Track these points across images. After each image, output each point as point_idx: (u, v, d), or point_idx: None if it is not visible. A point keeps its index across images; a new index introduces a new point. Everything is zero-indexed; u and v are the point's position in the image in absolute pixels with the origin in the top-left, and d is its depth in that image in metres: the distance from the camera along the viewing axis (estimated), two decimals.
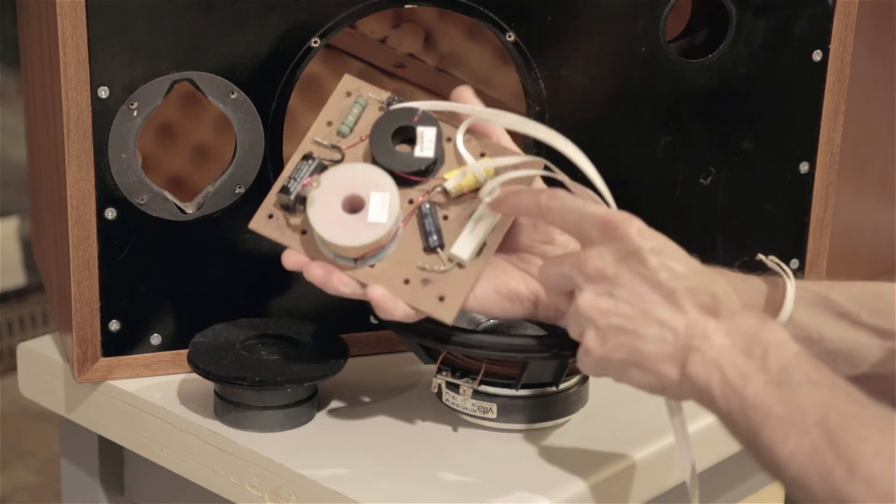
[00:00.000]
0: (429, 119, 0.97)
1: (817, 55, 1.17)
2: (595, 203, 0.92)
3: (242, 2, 1.04)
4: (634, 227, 0.87)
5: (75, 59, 1.01)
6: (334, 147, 0.98)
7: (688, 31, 1.21)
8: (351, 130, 0.99)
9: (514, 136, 1.01)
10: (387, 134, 0.97)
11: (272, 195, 0.97)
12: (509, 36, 1.09)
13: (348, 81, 1.00)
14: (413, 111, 0.97)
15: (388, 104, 0.99)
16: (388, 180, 0.95)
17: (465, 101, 0.98)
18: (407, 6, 1.08)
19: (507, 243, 0.98)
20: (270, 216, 0.97)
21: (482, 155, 0.98)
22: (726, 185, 1.18)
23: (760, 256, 1.02)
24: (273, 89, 1.06)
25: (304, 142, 0.99)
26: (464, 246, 0.95)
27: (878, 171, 1.45)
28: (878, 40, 1.39)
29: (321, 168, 0.97)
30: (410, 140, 0.98)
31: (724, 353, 0.83)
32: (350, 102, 0.99)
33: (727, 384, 0.83)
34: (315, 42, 1.06)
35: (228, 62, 1.05)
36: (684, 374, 0.85)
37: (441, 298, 0.95)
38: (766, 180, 1.19)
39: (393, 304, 0.94)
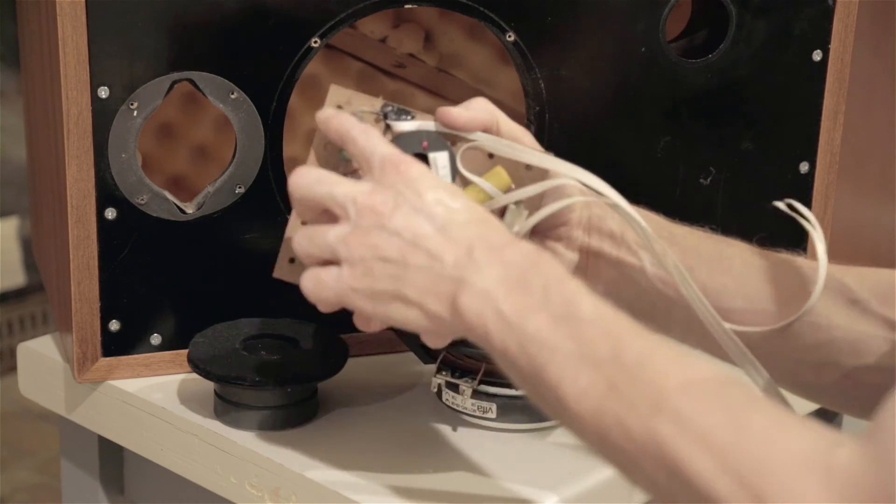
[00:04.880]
0: (438, 143, 0.93)
1: (817, 55, 1.17)
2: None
3: (242, 2, 1.04)
4: (416, 170, 0.84)
5: (75, 59, 1.01)
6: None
7: (688, 31, 1.21)
8: None
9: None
10: None
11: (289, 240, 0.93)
12: (509, 36, 1.09)
13: (336, 94, 0.94)
14: (421, 135, 0.93)
15: (384, 115, 0.94)
16: None
17: (452, 118, 0.93)
18: (407, 6, 1.08)
19: None
20: (292, 260, 0.93)
21: (490, 156, 0.96)
22: (726, 185, 1.18)
23: (777, 203, 0.95)
24: (273, 89, 1.06)
25: None
26: None
27: (878, 171, 1.45)
28: (878, 40, 1.39)
29: None
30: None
31: (497, 286, 0.78)
32: None
33: (503, 320, 0.77)
34: (315, 42, 1.06)
35: (228, 62, 1.05)
36: (454, 310, 0.79)
37: None
38: (766, 180, 1.19)
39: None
